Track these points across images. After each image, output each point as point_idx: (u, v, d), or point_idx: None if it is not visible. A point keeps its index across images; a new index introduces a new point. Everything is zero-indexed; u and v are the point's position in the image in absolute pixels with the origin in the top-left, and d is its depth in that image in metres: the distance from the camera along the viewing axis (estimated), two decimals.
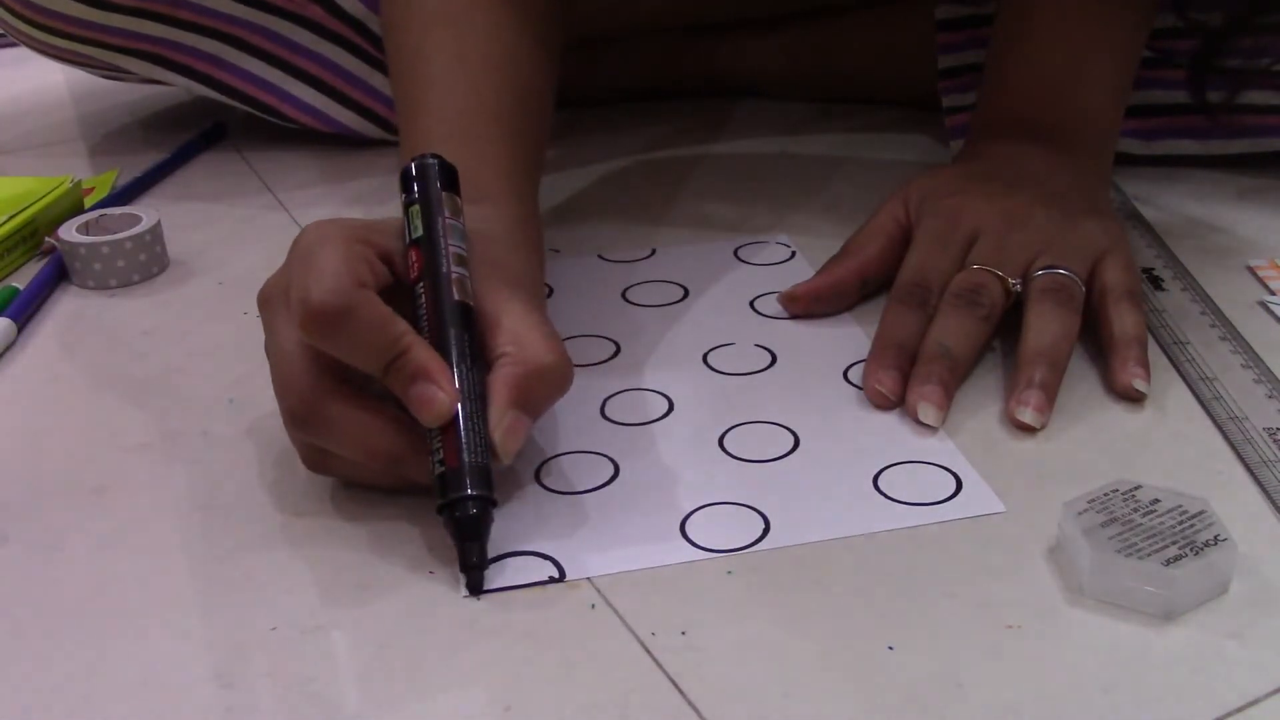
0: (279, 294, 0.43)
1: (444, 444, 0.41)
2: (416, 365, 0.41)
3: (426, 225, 0.44)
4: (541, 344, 0.43)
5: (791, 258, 0.63)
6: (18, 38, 0.79)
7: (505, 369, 0.42)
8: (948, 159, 0.65)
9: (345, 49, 0.79)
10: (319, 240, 0.42)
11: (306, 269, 0.41)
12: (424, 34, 0.57)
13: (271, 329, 0.43)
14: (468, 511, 0.40)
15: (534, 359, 0.42)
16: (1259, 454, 0.45)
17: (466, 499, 0.40)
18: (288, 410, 0.43)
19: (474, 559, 0.40)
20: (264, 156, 0.81)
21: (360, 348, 0.41)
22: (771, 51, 0.86)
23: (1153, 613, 0.38)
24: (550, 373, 0.43)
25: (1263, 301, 0.57)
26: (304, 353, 0.42)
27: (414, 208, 0.45)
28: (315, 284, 0.40)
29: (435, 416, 0.41)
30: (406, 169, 0.46)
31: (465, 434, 0.40)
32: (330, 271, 0.40)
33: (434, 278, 0.43)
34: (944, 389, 0.48)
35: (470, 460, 0.40)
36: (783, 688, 0.36)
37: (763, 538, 0.42)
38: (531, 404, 0.42)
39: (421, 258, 0.44)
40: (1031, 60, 0.62)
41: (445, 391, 0.41)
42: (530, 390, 0.42)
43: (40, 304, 0.62)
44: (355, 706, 0.36)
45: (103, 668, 0.38)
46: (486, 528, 0.40)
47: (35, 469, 0.49)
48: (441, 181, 0.45)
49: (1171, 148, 0.72)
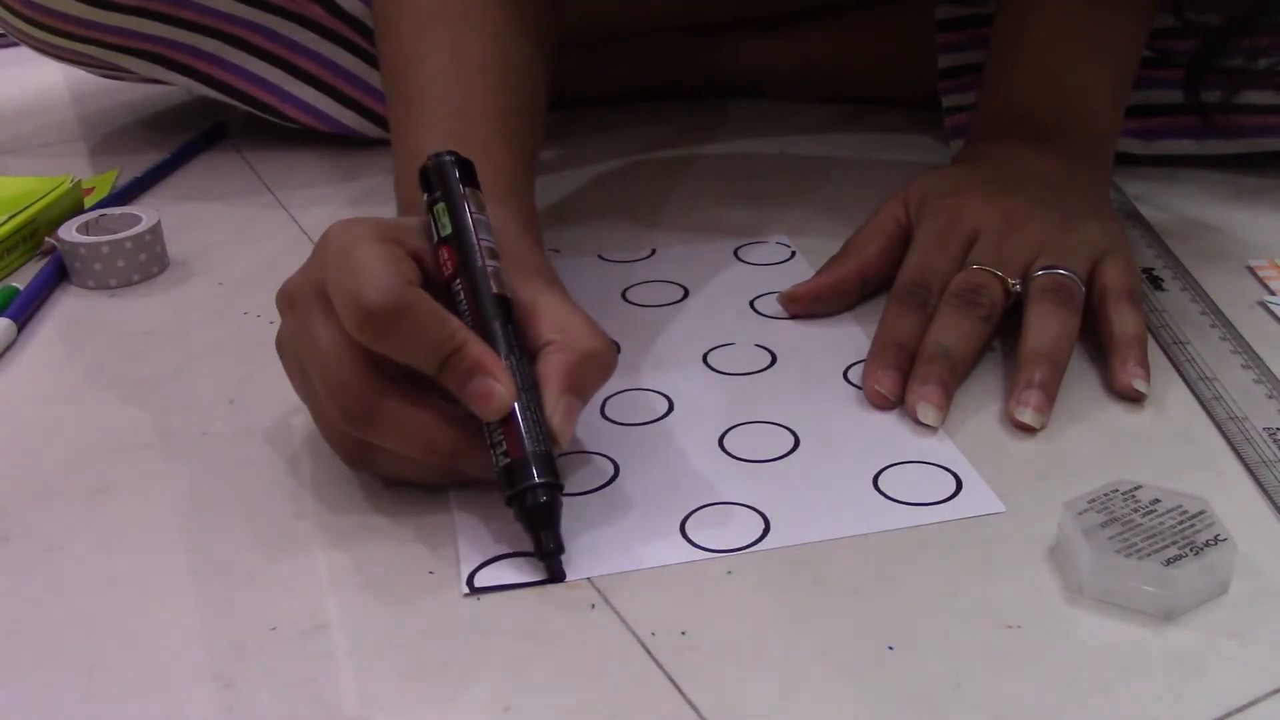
0: (310, 293, 0.42)
1: (505, 436, 0.41)
2: (472, 360, 0.41)
3: (455, 222, 0.44)
4: (585, 330, 0.43)
5: (791, 258, 0.63)
6: (19, 37, 0.79)
7: (554, 356, 0.42)
8: (948, 159, 0.65)
9: (345, 48, 0.79)
10: (354, 240, 0.41)
11: (349, 269, 0.40)
12: (418, 33, 0.57)
13: (305, 329, 0.43)
14: (539, 499, 0.40)
15: (581, 345, 0.43)
16: (1259, 454, 0.45)
17: (537, 487, 0.40)
18: (342, 409, 0.42)
19: (551, 545, 0.41)
20: (264, 156, 0.81)
21: (416, 346, 0.41)
22: (771, 52, 0.86)
23: (1153, 613, 0.38)
24: (598, 357, 0.43)
25: (1263, 301, 0.57)
26: (352, 351, 0.41)
27: (439, 206, 0.45)
28: (367, 284, 0.40)
29: (496, 410, 0.41)
30: (426, 168, 0.46)
31: (524, 424, 0.41)
32: (380, 271, 0.40)
33: (470, 273, 0.43)
34: (943, 389, 0.48)
35: (534, 449, 0.41)
36: (783, 688, 0.36)
37: (763, 538, 0.42)
38: (582, 388, 0.43)
39: (454, 255, 0.44)
40: (1031, 60, 0.62)
41: (503, 384, 0.41)
42: (580, 375, 0.43)
43: (40, 304, 0.62)
44: (355, 706, 0.36)
45: (103, 668, 0.38)
46: (558, 514, 0.41)
47: (35, 469, 0.49)
48: (461, 178, 0.45)
49: (1172, 148, 0.72)
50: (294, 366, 0.45)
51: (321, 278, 0.42)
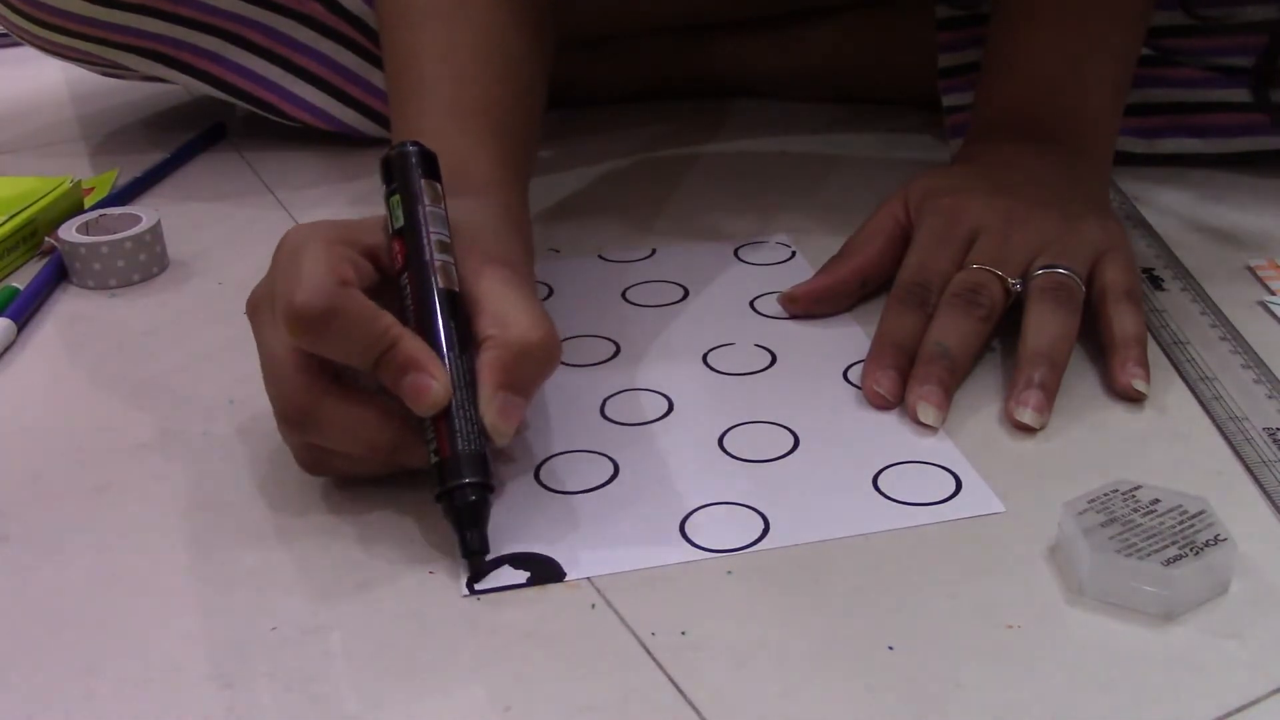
0: (265, 300, 0.43)
1: (437, 434, 0.41)
2: (406, 356, 0.41)
3: (407, 214, 0.44)
4: (525, 322, 0.42)
5: (791, 258, 0.63)
6: (19, 35, 0.79)
7: (490, 351, 0.42)
8: (947, 159, 0.65)
9: (346, 47, 0.79)
10: (299, 244, 0.42)
11: (288, 274, 0.41)
12: (416, 29, 0.57)
13: (259, 335, 0.43)
14: (466, 499, 0.40)
15: (518, 339, 0.42)
16: (1259, 454, 0.45)
17: (464, 486, 0.40)
18: (280, 413, 0.43)
19: (475, 545, 0.40)
20: (264, 156, 0.81)
21: (348, 345, 0.41)
22: (771, 52, 0.86)
23: (1153, 613, 0.38)
24: (536, 350, 0.42)
25: (1263, 301, 0.57)
26: (292, 355, 0.42)
27: (394, 198, 0.45)
28: (297, 287, 0.40)
29: (429, 405, 0.41)
30: (385, 159, 0.46)
31: (458, 421, 0.41)
32: (311, 273, 0.40)
33: (417, 267, 0.43)
34: (943, 389, 0.48)
35: (464, 448, 0.40)
36: (783, 688, 0.36)
37: (762, 538, 0.42)
38: (520, 384, 0.42)
39: (405, 248, 0.44)
40: (1029, 60, 0.62)
41: (437, 379, 0.41)
42: (518, 370, 0.42)
43: (40, 304, 0.62)
44: (355, 706, 0.36)
45: (103, 668, 0.38)
46: (486, 514, 0.41)
47: (35, 469, 0.49)
48: (422, 170, 0.45)
49: (1172, 146, 0.72)
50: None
51: (273, 284, 0.42)
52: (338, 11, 0.78)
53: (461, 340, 0.42)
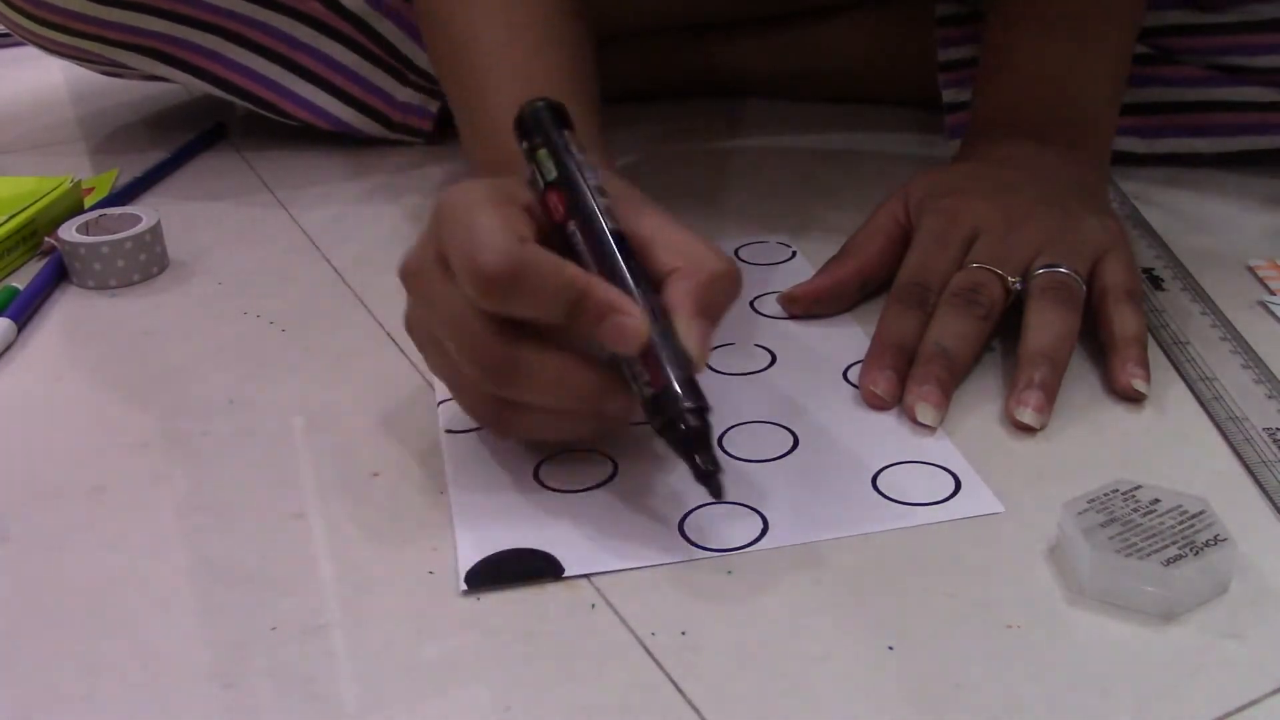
0: (430, 264, 0.42)
1: (646, 367, 0.41)
2: (600, 300, 0.41)
3: (559, 164, 0.44)
4: (708, 253, 0.43)
5: (791, 258, 0.63)
6: (20, 34, 0.79)
7: (681, 282, 0.42)
8: (947, 158, 0.65)
9: (346, 45, 0.79)
10: (466, 206, 0.41)
11: (463, 236, 0.40)
12: (471, 14, 0.57)
13: (431, 300, 0.43)
14: (690, 423, 0.40)
15: (706, 267, 0.43)
16: (1259, 454, 0.45)
17: (687, 412, 0.40)
18: (483, 367, 0.42)
19: (709, 466, 0.41)
20: (264, 156, 0.81)
21: (541, 300, 0.40)
22: (771, 50, 0.86)
23: (1153, 613, 0.38)
24: (725, 278, 0.43)
25: (1263, 301, 0.57)
26: (480, 312, 0.41)
27: (541, 151, 0.44)
28: (481, 249, 0.40)
29: (634, 343, 0.41)
30: (522, 116, 0.45)
31: (664, 352, 0.41)
32: (489, 232, 0.40)
33: (583, 212, 0.43)
34: (942, 389, 0.48)
35: (677, 375, 0.41)
36: (783, 688, 0.36)
37: (762, 538, 0.42)
38: (713, 311, 0.43)
39: (564, 197, 0.43)
40: (1027, 58, 0.62)
41: (636, 318, 0.41)
42: (709, 298, 0.42)
43: (40, 304, 0.62)
44: (355, 706, 0.36)
45: (103, 668, 0.38)
46: (711, 435, 0.41)
47: (35, 469, 0.49)
48: (556, 121, 0.45)
49: (1173, 145, 0.72)
50: (425, 341, 0.45)
51: (438, 247, 0.42)
52: (338, 10, 0.78)
53: (634, 277, 0.42)
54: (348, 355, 0.56)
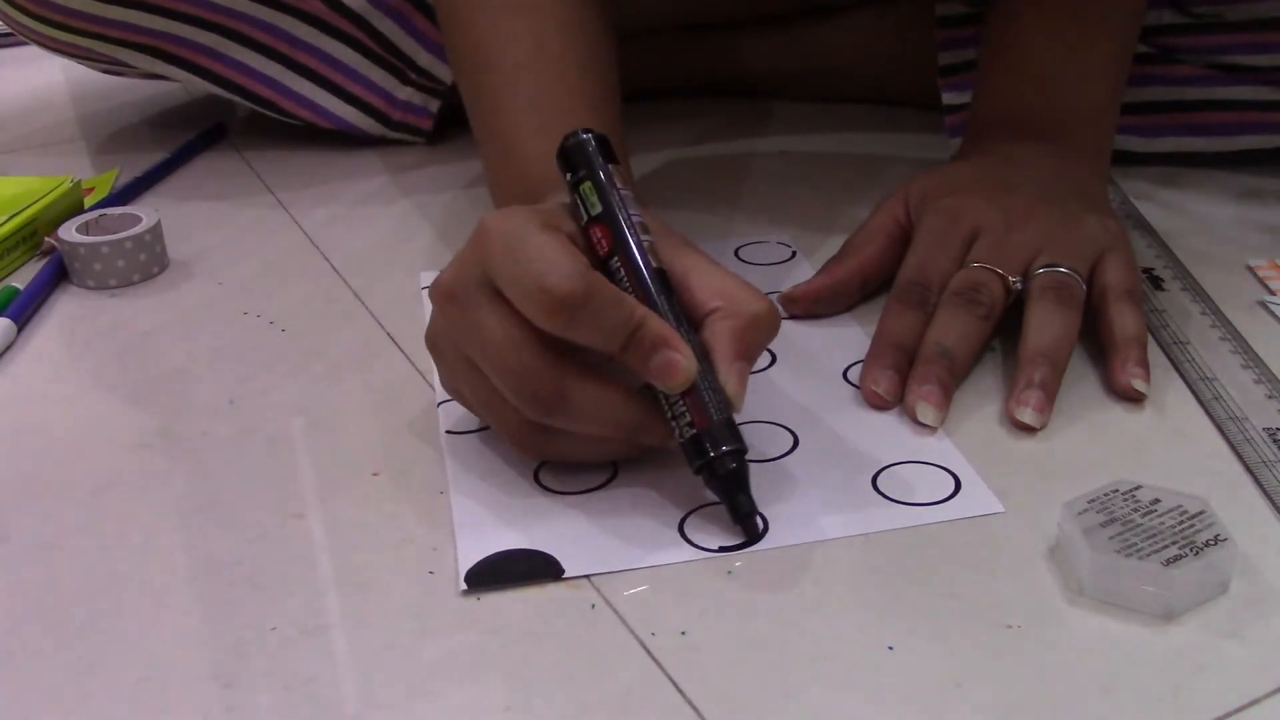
0: (473, 286, 0.42)
1: (689, 407, 0.42)
2: (654, 336, 0.41)
3: (604, 199, 0.44)
4: (748, 294, 0.44)
5: (792, 258, 0.63)
6: (21, 32, 0.79)
7: (722, 323, 0.43)
8: (947, 158, 0.65)
9: (346, 44, 0.79)
10: (520, 230, 0.41)
11: (525, 259, 0.40)
12: (493, 25, 0.57)
13: (473, 322, 0.42)
14: (729, 467, 0.41)
15: (746, 310, 0.43)
16: (1259, 454, 0.45)
17: (726, 454, 0.41)
18: (530, 396, 0.42)
19: (747, 508, 0.42)
20: (264, 156, 0.81)
21: (601, 328, 0.41)
22: (771, 50, 0.86)
23: (1152, 613, 0.38)
24: (765, 320, 0.44)
25: (1263, 301, 0.57)
26: (531, 338, 0.41)
27: (585, 185, 0.45)
28: (551, 273, 0.40)
29: (682, 382, 0.41)
30: (565, 148, 0.46)
31: (705, 393, 0.42)
32: (560, 259, 0.40)
33: (627, 249, 0.44)
34: (943, 389, 0.48)
35: (718, 417, 0.41)
36: (783, 688, 0.36)
37: (762, 538, 0.42)
38: (751, 352, 0.43)
39: (608, 232, 0.44)
40: (1026, 58, 0.62)
41: (686, 357, 0.41)
42: (748, 339, 0.43)
43: (40, 304, 0.62)
44: (355, 706, 0.36)
45: (103, 668, 0.38)
46: (748, 477, 0.42)
47: (35, 469, 0.49)
48: (601, 154, 0.46)
49: (1174, 145, 0.72)
50: (451, 360, 0.45)
51: (484, 270, 0.42)
52: (339, 9, 0.78)
53: (677, 316, 0.43)
54: (348, 355, 0.56)
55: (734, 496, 0.42)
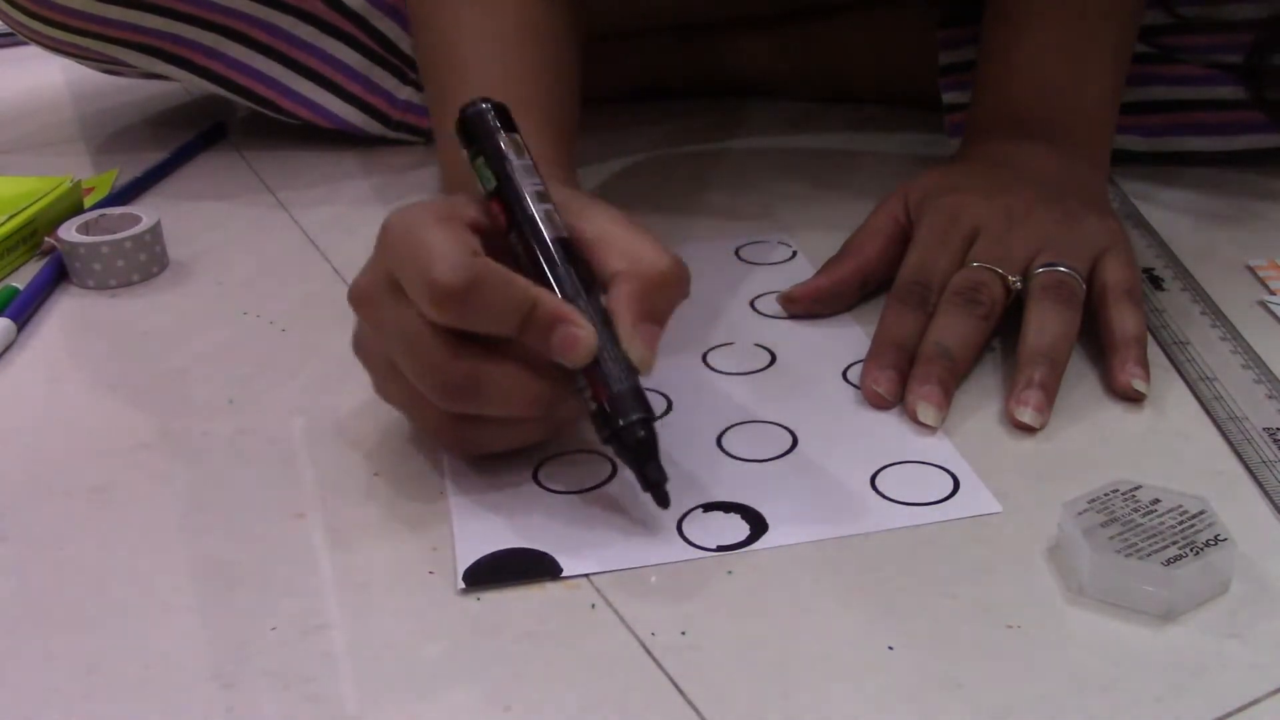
0: (380, 287, 0.42)
1: (590, 380, 0.41)
2: (549, 312, 0.41)
3: (497, 173, 0.44)
4: (652, 252, 0.43)
5: (792, 258, 0.63)
6: (20, 31, 0.79)
7: (624, 285, 0.42)
8: (947, 158, 0.65)
9: (346, 43, 0.79)
10: (412, 224, 0.42)
11: (416, 253, 0.40)
12: (453, 18, 0.57)
13: (382, 321, 0.43)
14: (636, 435, 0.41)
15: (650, 269, 0.43)
16: (1259, 454, 0.45)
17: (633, 424, 0.41)
18: (441, 387, 0.42)
19: (655, 476, 0.41)
20: (264, 156, 0.81)
21: (494, 313, 0.41)
22: (771, 50, 0.86)
23: (1153, 613, 0.38)
24: (669, 277, 0.43)
25: (1263, 301, 0.57)
26: (434, 330, 0.41)
27: (479, 160, 0.44)
28: (434, 264, 0.40)
29: (582, 355, 0.41)
30: (463, 119, 0.45)
31: (608, 364, 0.41)
32: (443, 249, 0.40)
33: (523, 220, 0.43)
34: (943, 389, 0.48)
35: (620, 388, 0.41)
36: (783, 688, 0.36)
37: (761, 537, 0.42)
38: (657, 313, 0.43)
39: (503, 206, 0.43)
40: (1025, 57, 0.62)
41: (584, 328, 0.41)
42: (652, 299, 0.42)
43: (40, 304, 0.62)
44: (355, 706, 0.36)
45: (103, 668, 0.38)
46: (656, 445, 0.41)
47: (35, 469, 0.49)
48: (499, 124, 0.45)
49: (1173, 144, 0.72)
50: (376, 363, 0.45)
51: (388, 269, 0.42)
52: (338, 8, 0.78)
53: (585, 282, 0.42)
54: (348, 355, 0.56)
55: (644, 465, 0.41)
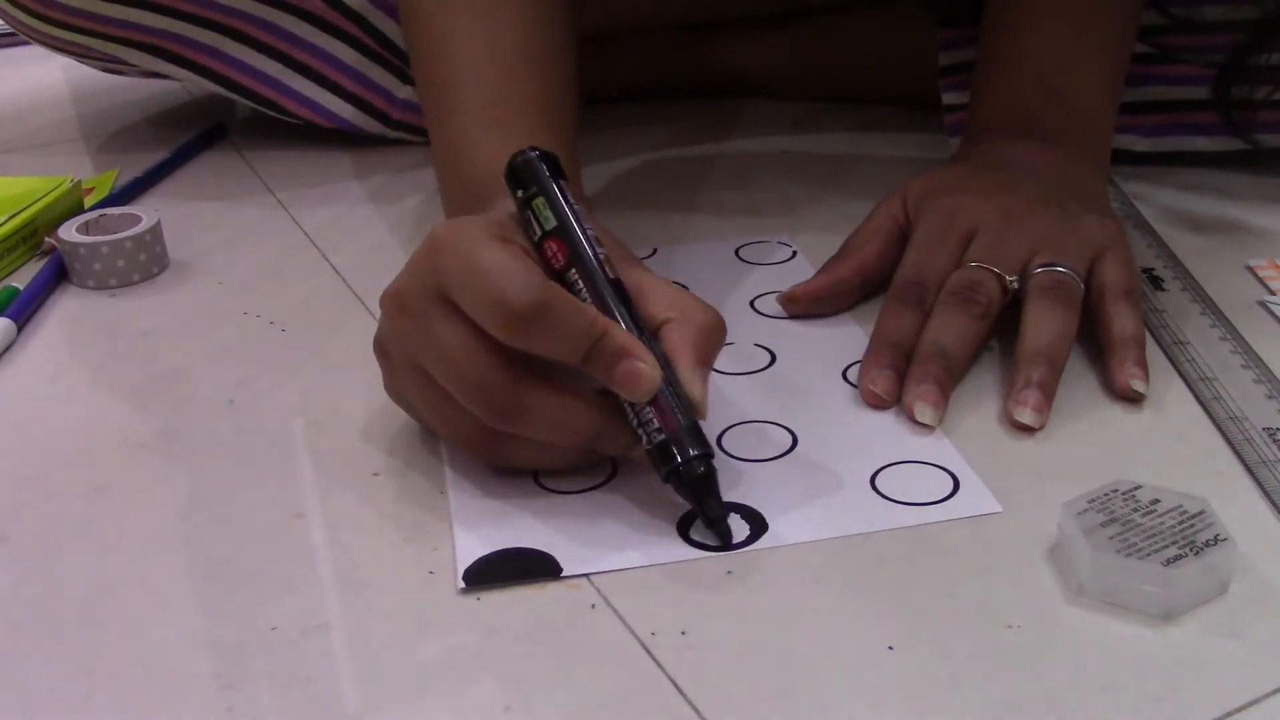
0: (425, 297, 0.42)
1: (656, 414, 0.42)
2: (616, 345, 0.41)
3: (558, 214, 0.45)
4: (698, 306, 0.44)
5: (792, 258, 0.63)
6: (21, 30, 0.79)
7: (678, 331, 0.43)
8: (947, 158, 0.65)
9: (346, 43, 0.79)
10: (473, 242, 0.41)
11: (480, 271, 0.40)
12: (449, 23, 0.57)
13: (425, 333, 0.42)
14: (697, 471, 0.42)
15: (699, 318, 0.44)
16: (1259, 454, 0.45)
17: (695, 459, 0.42)
18: (487, 406, 0.42)
19: (716, 512, 0.42)
20: (264, 156, 0.81)
21: (562, 339, 0.41)
22: (771, 50, 0.86)
23: (1153, 613, 0.38)
24: (716, 329, 0.44)
25: (1263, 301, 0.57)
26: (487, 349, 0.41)
27: (538, 200, 0.45)
28: (508, 285, 0.40)
29: (647, 390, 0.41)
30: (514, 165, 0.46)
31: (670, 400, 0.42)
32: (516, 270, 0.40)
33: (584, 262, 0.44)
34: (940, 388, 0.48)
35: (684, 423, 0.42)
36: (783, 688, 0.36)
37: (761, 537, 0.42)
38: (708, 359, 0.44)
39: (564, 246, 0.44)
40: (1024, 57, 0.62)
41: (650, 365, 0.41)
42: (704, 346, 0.44)
43: (40, 304, 0.62)
44: (355, 706, 0.36)
45: (103, 668, 0.38)
46: (716, 481, 0.42)
47: (35, 469, 0.49)
48: (550, 171, 0.46)
49: (1174, 144, 0.72)
50: (397, 366, 0.45)
51: (438, 281, 0.42)
52: (338, 7, 0.78)
53: (636, 325, 0.43)
54: (348, 355, 0.56)
55: (704, 501, 0.42)
